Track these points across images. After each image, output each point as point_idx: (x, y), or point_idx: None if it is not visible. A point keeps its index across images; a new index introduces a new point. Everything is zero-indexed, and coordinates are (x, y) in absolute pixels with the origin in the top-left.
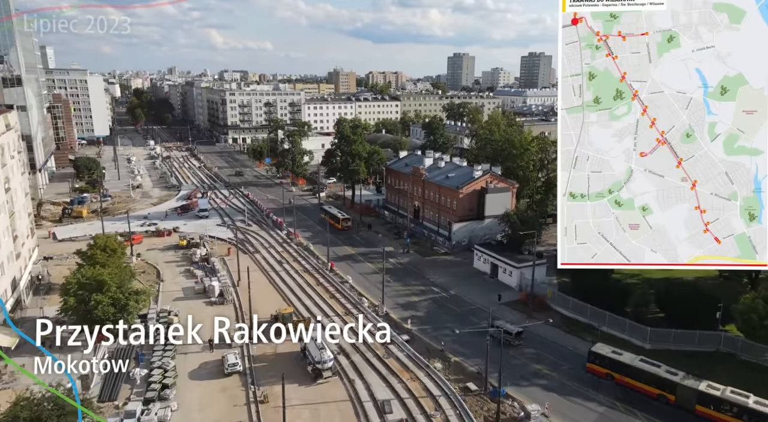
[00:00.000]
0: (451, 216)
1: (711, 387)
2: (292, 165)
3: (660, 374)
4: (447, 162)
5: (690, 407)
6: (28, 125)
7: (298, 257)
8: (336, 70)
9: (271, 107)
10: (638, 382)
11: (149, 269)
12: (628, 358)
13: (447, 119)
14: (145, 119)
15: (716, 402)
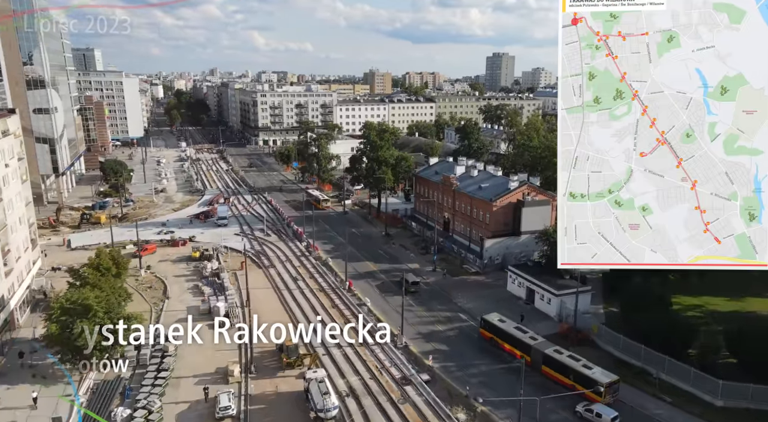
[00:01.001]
0: (483, 231)
1: (555, 352)
2: (318, 170)
3: (523, 338)
4: (480, 171)
5: (538, 367)
6: (52, 128)
7: (315, 274)
8: (371, 71)
9: (302, 109)
10: (510, 346)
11: (157, 283)
12: (505, 326)
13: (483, 121)
14: (180, 120)
15: (555, 363)
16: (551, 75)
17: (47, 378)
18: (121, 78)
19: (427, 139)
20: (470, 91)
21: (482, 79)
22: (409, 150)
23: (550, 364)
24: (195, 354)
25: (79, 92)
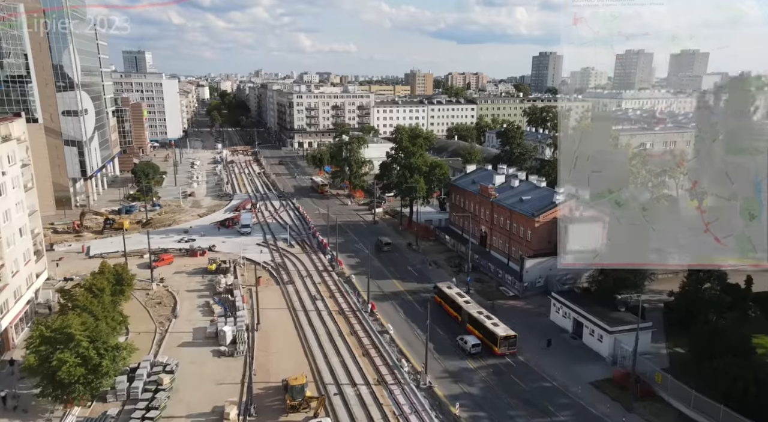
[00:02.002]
0: (523, 249)
1: (477, 313)
2: (349, 175)
3: (457, 301)
4: (522, 181)
5: (465, 324)
6: (81, 130)
7: (336, 293)
8: (413, 72)
9: (339, 110)
10: (449, 307)
11: (167, 299)
12: (449, 292)
13: (528, 124)
14: (220, 121)
15: (474, 321)
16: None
17: (28, 412)
18: (161, 80)
19: (466, 143)
20: (514, 93)
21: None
22: (446, 155)
23: (472, 322)
24: (193, 387)
25: (116, 94)
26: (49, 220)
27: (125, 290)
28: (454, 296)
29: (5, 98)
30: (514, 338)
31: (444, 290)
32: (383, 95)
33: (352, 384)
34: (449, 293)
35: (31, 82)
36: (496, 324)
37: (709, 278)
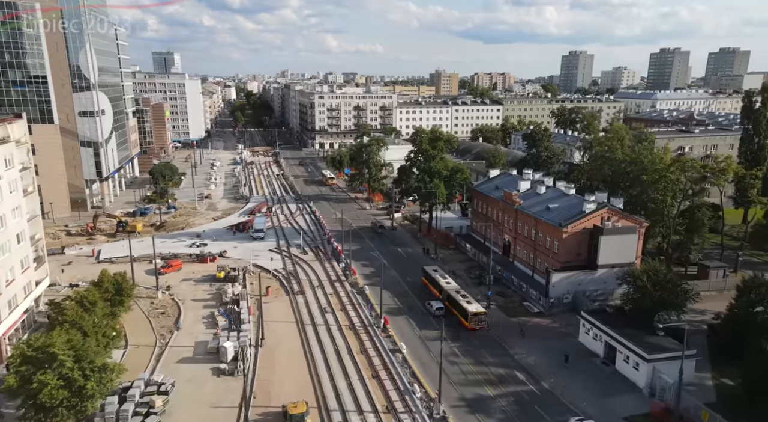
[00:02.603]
0: (550, 261)
1: (455, 292)
2: (368, 178)
3: (440, 282)
4: (549, 187)
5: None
6: (97, 131)
7: (348, 305)
8: (438, 72)
9: (361, 111)
10: (434, 289)
11: (172, 308)
12: (435, 275)
13: (556, 126)
14: (243, 121)
15: (451, 299)
16: (635, 75)
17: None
18: (184, 80)
19: (491, 145)
20: (542, 93)
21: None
22: (470, 157)
23: (449, 300)
24: (187, 410)
25: (139, 94)
26: (64, 222)
27: (125, 301)
28: (437, 278)
29: (21, 98)
30: (484, 314)
31: (429, 272)
32: (407, 96)
33: (358, 412)
34: (434, 275)
35: (48, 83)
36: (470, 302)
37: (762, 300)
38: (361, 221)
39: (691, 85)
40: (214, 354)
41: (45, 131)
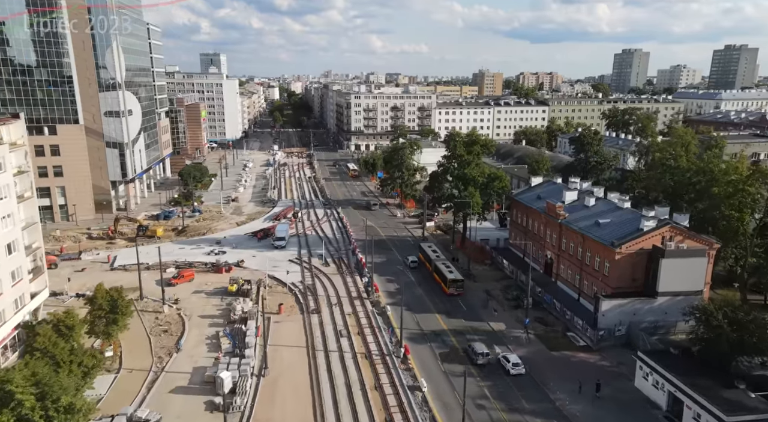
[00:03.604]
0: (599, 285)
1: (441, 264)
2: (400, 183)
3: (431, 256)
4: (599, 198)
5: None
6: (122, 132)
7: (367, 327)
8: (481, 72)
9: (398, 112)
10: (427, 262)
11: (176, 325)
12: (428, 251)
13: (607, 128)
14: (281, 121)
15: (436, 269)
16: (695, 73)
17: None
18: (221, 80)
19: (534, 148)
20: (592, 93)
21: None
22: (511, 161)
23: (435, 270)
24: None
25: (177, 94)
26: (88, 224)
27: (119, 320)
28: (429, 253)
29: (47, 98)
30: (461, 281)
31: (425, 248)
32: (448, 96)
33: None
34: (428, 251)
35: (73, 82)
36: (451, 271)
37: None
38: (390, 230)
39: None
40: (211, 383)
41: (70, 132)
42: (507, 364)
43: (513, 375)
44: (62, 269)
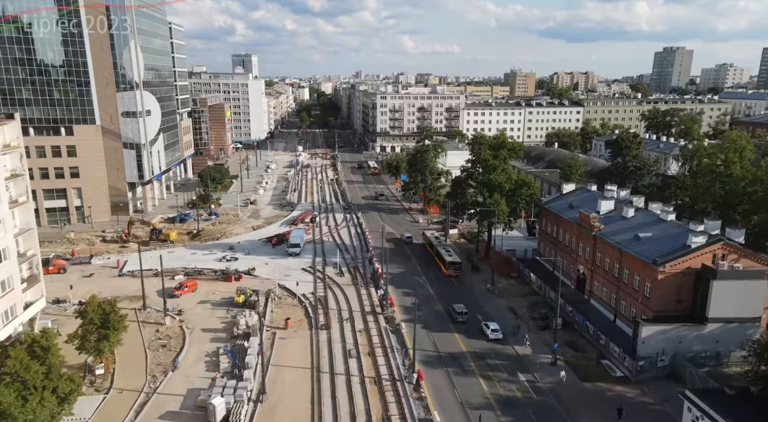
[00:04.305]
0: (639, 307)
1: (442, 248)
2: (423, 187)
3: (432, 241)
4: (639, 209)
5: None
6: (139, 133)
7: (378, 347)
8: (513, 71)
9: (425, 112)
10: (431, 250)
11: (176, 340)
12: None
13: (646, 130)
14: (308, 122)
15: (437, 252)
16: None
17: None
18: (247, 80)
19: (568, 151)
20: (630, 93)
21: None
22: (542, 165)
23: (436, 254)
24: None
25: (201, 94)
26: (103, 226)
27: (111, 336)
28: (432, 239)
29: (63, 98)
30: (459, 264)
31: (427, 235)
32: (478, 96)
33: None
34: (430, 237)
35: (90, 82)
36: (450, 254)
37: None
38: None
39: None
40: (203, 409)
41: (86, 132)
42: (486, 330)
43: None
44: (71, 274)
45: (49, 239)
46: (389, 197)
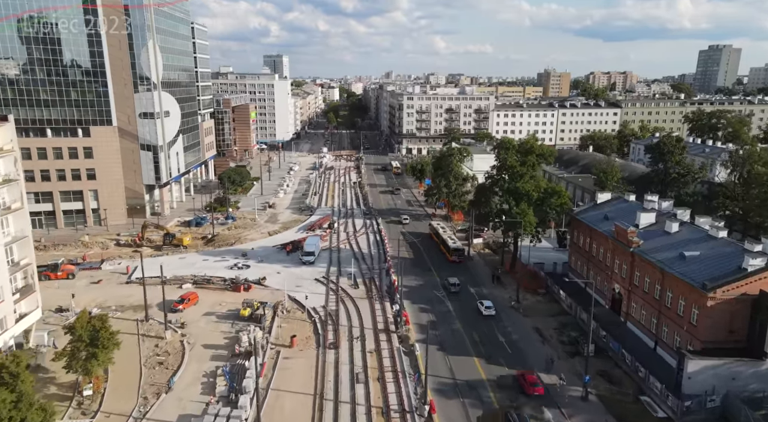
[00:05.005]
0: (684, 336)
1: (448, 238)
2: (447, 193)
3: (438, 229)
4: (684, 223)
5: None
6: (156, 134)
7: (389, 371)
8: (546, 71)
9: (453, 114)
10: (437, 239)
11: (174, 357)
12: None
13: (690, 133)
14: (334, 122)
15: (442, 240)
16: None
17: None
18: (273, 81)
19: (603, 155)
20: (671, 94)
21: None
22: (575, 169)
23: (441, 242)
24: None
25: (226, 95)
26: (119, 230)
27: (99, 355)
28: (438, 228)
29: (80, 99)
30: (462, 250)
31: (434, 224)
32: (509, 97)
33: None
34: (436, 226)
35: (107, 82)
36: (455, 241)
37: None
38: (434, 246)
39: None
40: None
41: (103, 133)
42: (481, 307)
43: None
44: (79, 280)
45: (64, 242)
46: (412, 202)
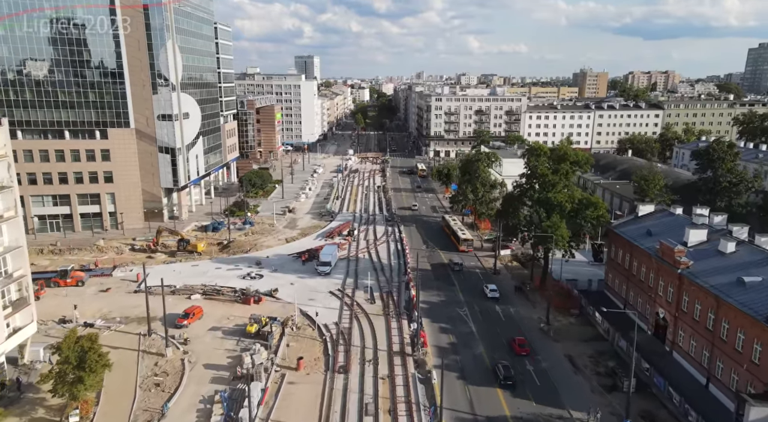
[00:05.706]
0: (743, 375)
1: (459, 230)
2: (473, 200)
3: (450, 223)
4: (741, 242)
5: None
6: (174, 136)
7: (402, 403)
8: (582, 71)
9: (483, 115)
10: (447, 230)
11: (173, 377)
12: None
13: (740, 136)
14: (362, 123)
15: (453, 232)
16: None
17: None
18: (299, 81)
19: (644, 160)
20: (718, 94)
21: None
22: (613, 175)
23: (452, 233)
24: None
25: (251, 96)
26: (135, 234)
27: (86, 379)
28: (449, 220)
29: (98, 100)
30: (471, 241)
31: (446, 217)
32: (543, 98)
33: None
34: (448, 219)
35: (125, 83)
36: (464, 232)
37: None
38: (456, 257)
39: None
40: None
41: (120, 135)
42: (486, 290)
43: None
44: (89, 287)
45: (79, 246)
46: (437, 208)
